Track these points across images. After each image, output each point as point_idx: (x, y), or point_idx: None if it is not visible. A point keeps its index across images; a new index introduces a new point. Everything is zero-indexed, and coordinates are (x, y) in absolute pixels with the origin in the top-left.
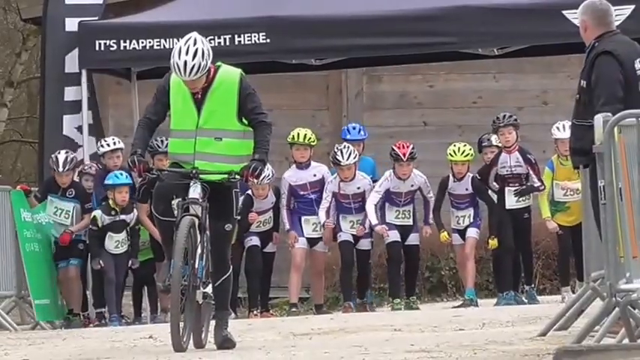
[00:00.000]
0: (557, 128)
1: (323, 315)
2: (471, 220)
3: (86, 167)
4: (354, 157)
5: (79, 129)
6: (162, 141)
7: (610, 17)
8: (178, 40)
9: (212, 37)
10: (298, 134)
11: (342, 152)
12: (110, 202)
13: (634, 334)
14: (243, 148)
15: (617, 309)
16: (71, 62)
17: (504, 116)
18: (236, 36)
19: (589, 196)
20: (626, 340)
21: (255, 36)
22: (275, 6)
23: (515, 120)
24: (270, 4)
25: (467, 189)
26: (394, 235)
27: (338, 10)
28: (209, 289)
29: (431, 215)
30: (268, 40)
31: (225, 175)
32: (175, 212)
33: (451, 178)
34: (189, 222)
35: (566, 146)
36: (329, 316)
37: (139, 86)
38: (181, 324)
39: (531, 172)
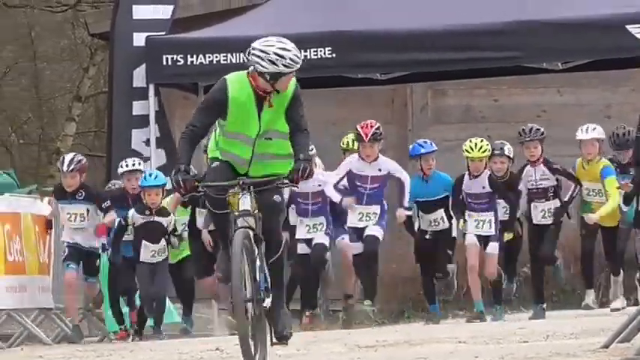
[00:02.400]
0: (582, 130)
1: (388, 327)
2: (491, 228)
3: (110, 185)
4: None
5: (147, 142)
6: None
7: None
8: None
9: None
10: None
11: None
12: (145, 202)
13: None
14: (288, 147)
15: None
16: (139, 77)
17: (531, 130)
18: (302, 51)
19: None
20: None
21: (321, 51)
22: (341, 21)
23: (542, 134)
24: (336, 19)
25: (484, 187)
26: (357, 248)
27: (402, 24)
28: (268, 301)
29: (407, 198)
30: (334, 55)
31: (273, 182)
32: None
33: (466, 176)
34: (243, 235)
35: (588, 148)
36: (393, 328)
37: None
38: (251, 341)
39: (563, 178)
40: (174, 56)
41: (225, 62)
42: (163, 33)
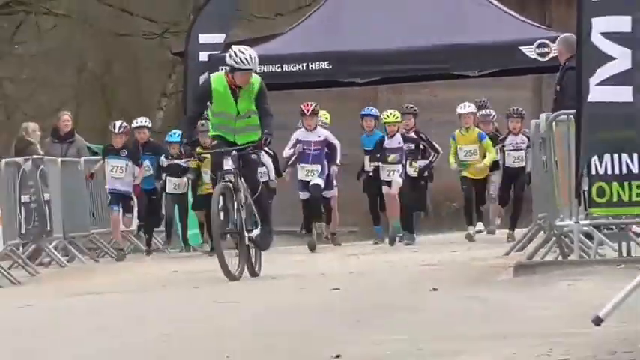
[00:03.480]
0: (461, 106)
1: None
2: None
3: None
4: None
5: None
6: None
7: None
8: (273, 66)
9: (294, 64)
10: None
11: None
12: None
13: (565, 255)
14: (257, 121)
15: (554, 238)
16: (204, 81)
17: (407, 106)
18: (310, 63)
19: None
20: (559, 258)
21: (322, 64)
22: (336, 44)
23: (415, 110)
24: (332, 43)
25: (399, 142)
26: (304, 195)
27: (375, 46)
28: (254, 233)
29: (339, 158)
30: (331, 67)
31: (245, 149)
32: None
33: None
34: (222, 187)
35: (466, 120)
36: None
37: None
38: (235, 259)
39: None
40: (227, 67)
41: (260, 71)
42: (219, 52)
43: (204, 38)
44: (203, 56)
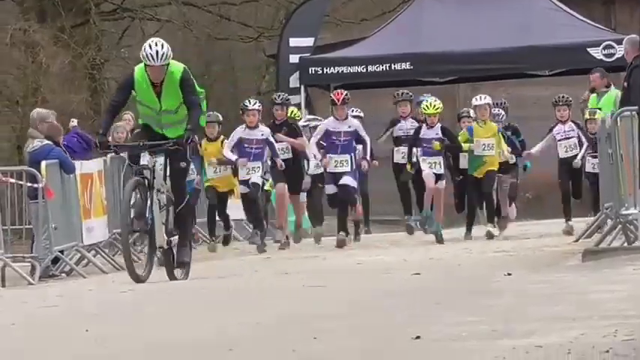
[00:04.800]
0: (476, 99)
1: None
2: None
3: None
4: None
5: (307, 121)
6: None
7: None
8: (359, 67)
9: (377, 65)
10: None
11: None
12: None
13: (631, 241)
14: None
15: (619, 225)
16: (294, 81)
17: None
18: (393, 64)
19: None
20: (625, 244)
21: (404, 64)
22: (416, 46)
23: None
24: (412, 45)
25: (437, 134)
26: (331, 189)
27: (453, 48)
28: (174, 239)
29: (369, 153)
30: (412, 67)
31: (163, 145)
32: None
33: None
34: (134, 183)
35: (482, 112)
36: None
37: None
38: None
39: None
40: (316, 68)
41: (346, 72)
42: (309, 54)
43: (294, 42)
44: (293, 58)
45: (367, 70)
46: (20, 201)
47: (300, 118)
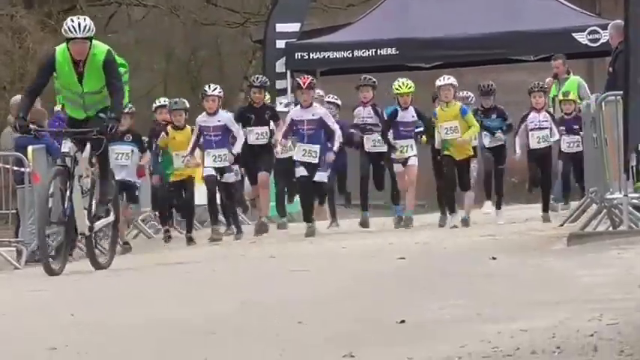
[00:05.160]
0: (440, 79)
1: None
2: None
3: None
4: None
5: (286, 105)
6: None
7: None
8: (345, 52)
9: (363, 50)
10: None
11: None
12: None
13: (616, 225)
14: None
15: (604, 210)
16: (280, 66)
17: (365, 78)
18: (379, 49)
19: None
20: (610, 229)
21: (390, 50)
22: (402, 31)
23: (374, 82)
24: (399, 30)
25: (413, 116)
26: (301, 171)
27: (438, 33)
28: (98, 224)
29: (336, 144)
30: (398, 52)
31: (85, 133)
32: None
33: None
34: (55, 170)
35: (446, 92)
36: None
37: (321, 80)
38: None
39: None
40: (303, 53)
41: (332, 57)
42: (295, 40)
43: (280, 27)
44: (280, 44)
45: (353, 55)
46: (7, 185)
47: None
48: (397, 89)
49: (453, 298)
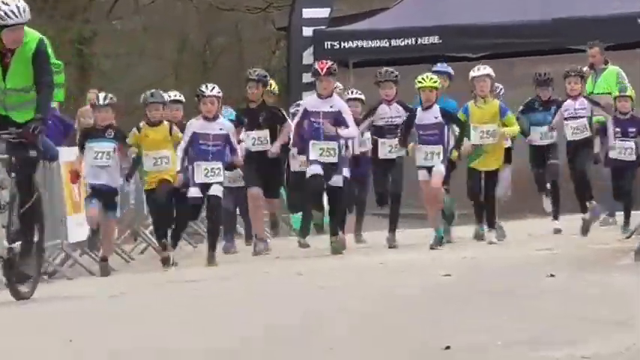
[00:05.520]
0: (474, 70)
1: None
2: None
3: None
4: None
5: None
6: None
7: None
8: (381, 41)
9: (402, 39)
10: None
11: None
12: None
13: None
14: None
15: None
16: (307, 57)
17: (386, 72)
18: (419, 38)
19: None
20: None
21: (431, 38)
22: (444, 17)
23: (396, 76)
24: (441, 16)
25: (436, 117)
26: (316, 169)
27: (484, 20)
28: (15, 246)
29: (356, 143)
30: (440, 41)
31: (13, 134)
32: None
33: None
34: None
35: (481, 85)
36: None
37: (354, 72)
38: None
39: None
40: (332, 42)
41: (366, 46)
42: (324, 27)
43: (308, 13)
44: (307, 31)
45: (390, 44)
46: None
47: (276, 92)
48: (420, 83)
49: (505, 320)
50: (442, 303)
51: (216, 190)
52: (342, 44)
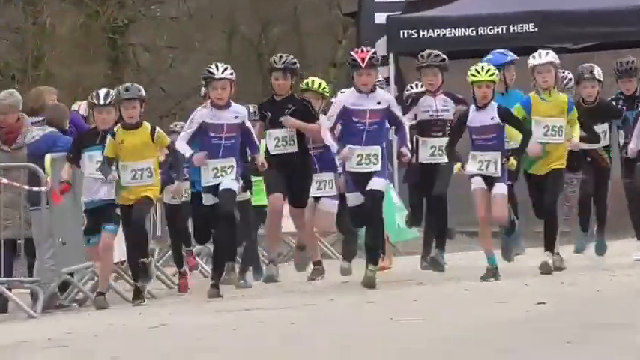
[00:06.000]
0: (534, 57)
1: None
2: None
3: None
4: None
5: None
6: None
7: None
8: (467, 29)
9: (491, 27)
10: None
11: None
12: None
13: None
14: None
15: None
16: (380, 47)
17: (430, 55)
18: (511, 26)
19: None
20: None
21: (525, 26)
22: (540, 3)
23: (443, 60)
24: (536, 1)
25: (493, 117)
26: (355, 199)
27: (585, 5)
28: None
29: (408, 141)
30: (536, 30)
31: None
32: None
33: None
34: None
35: (544, 75)
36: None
37: None
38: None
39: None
40: (410, 31)
41: (449, 35)
42: (399, 13)
43: None
44: (380, 17)
45: (477, 33)
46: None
47: (327, 93)
48: (474, 76)
49: (610, 356)
50: (535, 338)
51: (228, 184)
52: (421, 33)
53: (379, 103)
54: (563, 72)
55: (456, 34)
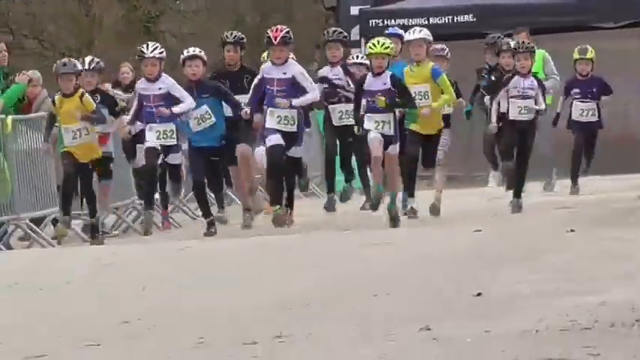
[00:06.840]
0: (410, 32)
1: None
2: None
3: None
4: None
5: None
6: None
7: None
8: (419, 19)
9: (440, 17)
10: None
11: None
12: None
13: None
14: None
15: None
16: (354, 34)
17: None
18: (454, 17)
19: None
20: None
21: (466, 17)
22: None
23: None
24: None
25: (385, 83)
26: (275, 139)
27: None
28: None
29: (301, 102)
30: (475, 20)
31: None
32: None
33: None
34: None
35: (416, 49)
36: None
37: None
38: None
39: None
40: (377, 20)
41: (407, 25)
42: (369, 6)
43: None
44: (354, 10)
45: (429, 22)
46: None
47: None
48: (370, 48)
49: (531, 271)
50: (474, 257)
51: (172, 159)
52: (386, 22)
53: (285, 73)
54: (442, 45)
55: (412, 23)
